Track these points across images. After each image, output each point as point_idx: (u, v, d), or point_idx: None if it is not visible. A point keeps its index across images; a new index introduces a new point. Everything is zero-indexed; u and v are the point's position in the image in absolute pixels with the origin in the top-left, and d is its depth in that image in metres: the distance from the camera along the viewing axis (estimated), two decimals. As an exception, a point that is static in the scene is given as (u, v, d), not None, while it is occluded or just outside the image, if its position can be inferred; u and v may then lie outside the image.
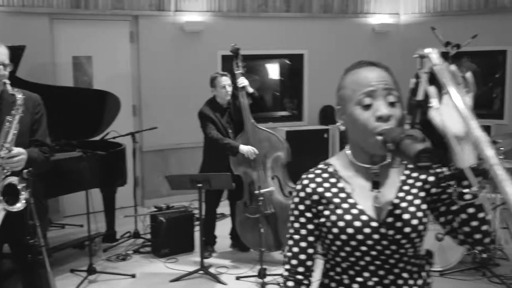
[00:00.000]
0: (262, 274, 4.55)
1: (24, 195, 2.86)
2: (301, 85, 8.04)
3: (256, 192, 4.89)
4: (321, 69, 7.96)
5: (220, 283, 4.71)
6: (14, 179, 2.86)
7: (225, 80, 5.22)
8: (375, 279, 1.60)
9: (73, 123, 5.42)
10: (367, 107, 1.54)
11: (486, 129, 7.06)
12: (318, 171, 1.70)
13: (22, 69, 6.24)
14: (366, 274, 1.61)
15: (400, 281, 1.61)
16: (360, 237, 1.57)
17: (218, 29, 7.31)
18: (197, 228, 5.60)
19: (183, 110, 7.02)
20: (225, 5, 7.37)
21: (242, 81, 5.15)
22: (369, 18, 8.15)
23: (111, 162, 5.34)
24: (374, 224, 1.58)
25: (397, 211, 1.59)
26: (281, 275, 4.49)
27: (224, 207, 5.84)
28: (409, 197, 1.62)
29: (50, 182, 3.82)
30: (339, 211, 1.61)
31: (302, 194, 1.67)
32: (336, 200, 1.63)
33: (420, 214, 1.59)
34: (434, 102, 1.48)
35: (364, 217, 1.59)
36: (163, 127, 6.80)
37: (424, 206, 1.61)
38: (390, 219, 1.58)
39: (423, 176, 1.65)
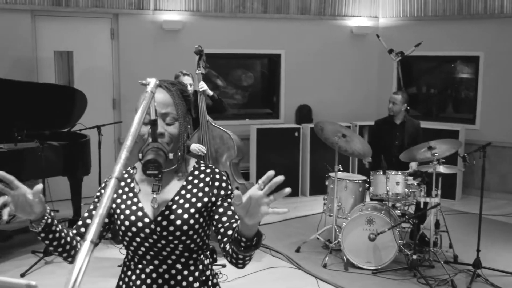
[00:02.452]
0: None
1: None
2: (278, 84, 8.28)
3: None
4: (298, 69, 8.20)
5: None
6: None
7: (187, 80, 5.48)
8: (151, 267, 1.90)
9: (46, 116, 5.80)
10: (146, 124, 1.83)
11: (455, 134, 7.26)
12: (131, 169, 2.00)
13: (3, 63, 6.66)
14: (144, 262, 1.91)
15: (173, 271, 1.89)
16: (134, 229, 1.87)
17: (196, 28, 7.60)
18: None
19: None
20: (203, 5, 7.65)
21: (202, 85, 5.40)
22: (347, 21, 8.34)
23: (71, 152, 5.67)
24: (146, 220, 1.87)
25: (166, 212, 1.87)
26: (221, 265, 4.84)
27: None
28: (181, 201, 1.89)
29: (11, 170, 4.17)
30: (123, 206, 1.92)
31: (103, 184, 1.99)
32: (124, 196, 1.95)
33: (186, 216, 1.86)
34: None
35: (139, 213, 1.89)
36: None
37: (192, 210, 1.88)
38: (159, 218, 1.87)
39: (201, 184, 1.93)
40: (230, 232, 1.84)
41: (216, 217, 1.90)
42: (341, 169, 5.38)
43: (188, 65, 6.94)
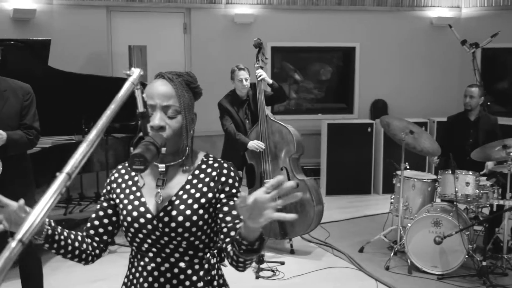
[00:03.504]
0: (258, 259, 4.77)
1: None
2: (353, 78, 8.03)
3: (264, 181, 5.12)
4: (373, 63, 7.91)
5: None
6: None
7: (242, 74, 5.41)
8: (153, 264, 1.82)
9: (120, 109, 5.94)
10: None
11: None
12: (127, 164, 1.93)
13: (79, 57, 6.91)
14: (146, 259, 1.83)
15: (176, 270, 1.81)
16: (136, 225, 1.80)
17: (268, 22, 7.52)
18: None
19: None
20: (276, -3, 7.56)
21: (259, 73, 5.32)
22: (427, 11, 7.93)
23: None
24: (148, 216, 1.79)
25: (169, 208, 1.78)
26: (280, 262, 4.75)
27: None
28: (185, 196, 1.80)
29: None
30: (125, 201, 1.85)
31: (107, 180, 1.94)
32: (127, 191, 1.88)
33: (188, 212, 1.77)
34: None
35: (142, 209, 1.81)
36: (213, 115, 7.15)
37: (196, 206, 1.78)
38: (161, 214, 1.78)
39: (207, 179, 1.82)
40: (233, 233, 1.75)
41: (221, 215, 1.80)
42: (408, 167, 5.10)
43: (259, 59, 6.90)
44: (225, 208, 1.80)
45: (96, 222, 1.89)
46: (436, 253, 4.71)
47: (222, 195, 1.81)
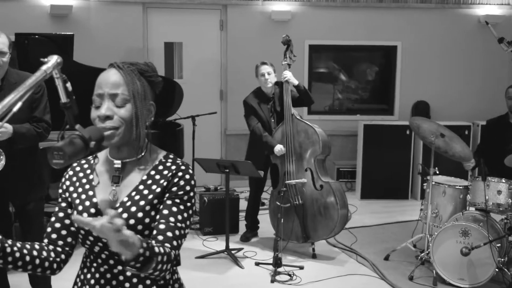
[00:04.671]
0: (275, 262, 4.63)
1: (1, 161, 3.33)
2: (394, 78, 7.73)
3: (287, 182, 4.98)
4: (415, 63, 7.60)
5: (238, 266, 4.88)
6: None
7: (264, 68, 5.32)
8: (106, 266, 1.72)
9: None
10: (97, 107, 1.68)
11: None
12: (83, 161, 1.85)
13: (115, 54, 6.95)
14: (99, 261, 1.74)
15: (128, 273, 1.70)
16: (86, 228, 1.69)
17: (306, 19, 7.35)
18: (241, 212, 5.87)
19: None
20: (314, -6, 7.37)
21: (285, 74, 5.20)
22: (475, 9, 7.53)
23: (161, 141, 5.73)
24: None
25: (120, 209, 1.68)
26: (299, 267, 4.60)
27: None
28: (137, 197, 1.69)
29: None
30: (77, 201, 1.76)
31: (62, 179, 1.84)
32: (80, 189, 1.78)
33: (140, 214, 1.67)
34: None
35: (92, 210, 1.71)
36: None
37: (148, 208, 1.68)
38: None
39: (162, 180, 1.71)
40: (155, 233, 1.65)
41: (157, 218, 1.68)
42: (437, 172, 4.83)
43: (297, 57, 6.72)
44: (162, 206, 1.69)
45: (57, 225, 1.79)
46: (463, 265, 4.42)
47: (167, 195, 1.70)
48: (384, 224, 6.14)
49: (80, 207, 1.73)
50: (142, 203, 1.68)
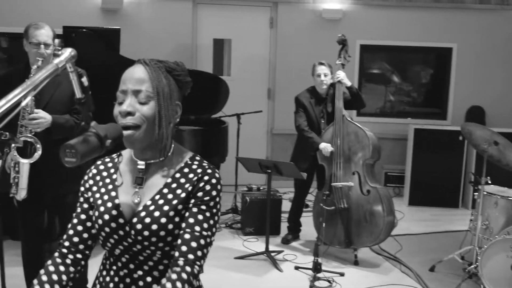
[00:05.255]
0: (315, 267, 4.51)
1: (38, 151, 3.32)
2: (448, 81, 7.45)
3: (333, 184, 4.86)
4: (471, 66, 7.31)
5: (277, 270, 4.78)
6: (29, 138, 3.33)
7: (321, 69, 5.20)
8: (125, 270, 1.65)
9: (193, 102, 5.91)
10: (120, 104, 1.60)
11: None
12: (107, 159, 1.77)
13: (164, 49, 6.97)
14: (119, 264, 1.67)
15: (149, 279, 1.63)
16: (107, 229, 1.63)
17: (358, 18, 7.18)
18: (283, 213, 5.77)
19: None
20: (367, -7, 7.18)
21: (339, 74, 5.06)
22: (540, 11, 7.18)
23: (204, 138, 5.67)
24: (121, 220, 1.62)
25: (143, 213, 1.60)
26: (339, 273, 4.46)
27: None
28: (161, 201, 1.61)
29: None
30: (99, 202, 1.68)
31: (85, 177, 1.77)
32: (103, 190, 1.70)
33: (163, 220, 1.58)
34: None
35: (114, 212, 1.64)
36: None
37: (172, 213, 1.59)
38: (134, 220, 1.60)
39: (187, 184, 1.62)
40: (179, 242, 1.57)
41: (183, 225, 1.60)
42: (489, 181, 4.58)
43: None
44: (187, 213, 1.60)
45: (79, 228, 1.71)
46: (508, 278, 4.18)
47: (193, 200, 1.61)
48: (432, 233, 5.91)
49: (102, 208, 1.66)
50: (166, 208, 1.60)
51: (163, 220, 1.59)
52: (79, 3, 6.75)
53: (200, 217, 1.59)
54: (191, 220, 1.59)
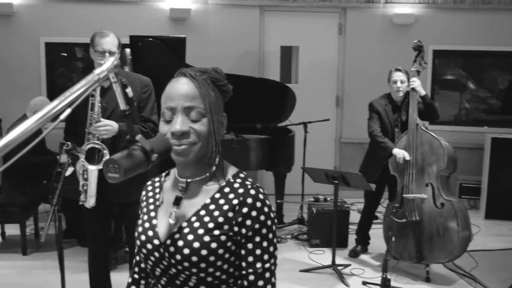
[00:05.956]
0: (383, 283, 4.31)
1: (106, 157, 3.33)
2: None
3: (404, 195, 4.65)
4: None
5: (344, 284, 4.61)
6: (97, 144, 3.35)
7: (398, 76, 5.00)
8: None
9: (262, 109, 5.86)
10: (168, 122, 1.49)
11: None
12: (157, 178, 1.70)
13: (231, 57, 6.97)
14: (159, 286, 1.59)
15: None
16: (144, 251, 1.56)
17: (431, 22, 6.92)
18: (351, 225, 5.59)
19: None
20: (440, -4, 6.90)
21: (413, 81, 4.85)
22: None
23: (270, 147, 5.57)
24: (156, 242, 1.54)
25: (177, 236, 1.50)
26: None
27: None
28: (196, 224, 1.50)
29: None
30: (140, 221, 1.62)
31: (142, 196, 1.71)
32: (145, 210, 1.64)
33: (196, 245, 1.46)
34: None
35: (150, 233, 1.56)
36: (365, 120, 6.78)
37: (207, 238, 1.47)
38: (168, 242, 1.51)
39: (226, 207, 1.50)
40: (246, 284, 1.49)
41: (243, 252, 1.50)
42: None
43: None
44: (243, 251, 1.49)
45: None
46: None
47: (243, 230, 1.48)
48: (510, 249, 5.55)
49: (140, 229, 1.59)
50: (200, 231, 1.48)
51: (196, 244, 1.46)
52: (148, 13, 6.84)
53: (258, 251, 1.48)
54: (250, 259, 1.48)
